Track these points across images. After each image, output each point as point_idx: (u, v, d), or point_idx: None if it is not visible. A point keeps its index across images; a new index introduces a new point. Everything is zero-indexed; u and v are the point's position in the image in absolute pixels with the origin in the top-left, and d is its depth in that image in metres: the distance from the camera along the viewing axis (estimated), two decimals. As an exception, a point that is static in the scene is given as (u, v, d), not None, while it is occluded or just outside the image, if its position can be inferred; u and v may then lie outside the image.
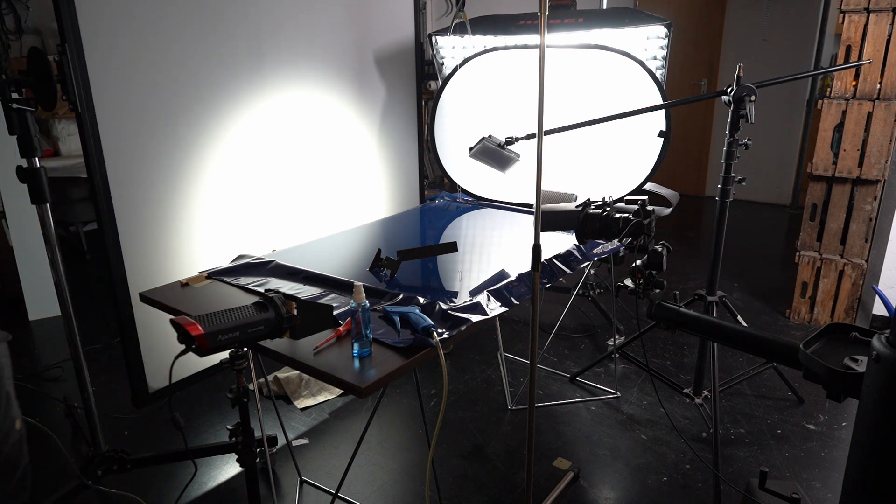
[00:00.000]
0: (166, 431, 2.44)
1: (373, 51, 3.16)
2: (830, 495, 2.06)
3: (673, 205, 2.46)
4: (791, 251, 4.03)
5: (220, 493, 2.10)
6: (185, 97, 2.37)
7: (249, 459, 1.57)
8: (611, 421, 2.49)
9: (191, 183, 2.46)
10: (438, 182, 5.01)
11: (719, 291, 2.33)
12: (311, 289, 1.71)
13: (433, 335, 1.36)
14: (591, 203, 1.80)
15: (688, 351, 3.06)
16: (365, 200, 3.30)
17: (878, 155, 3.05)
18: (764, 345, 1.46)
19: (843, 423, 2.45)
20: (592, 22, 2.53)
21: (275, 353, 1.37)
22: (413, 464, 2.24)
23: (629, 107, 2.23)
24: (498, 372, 2.84)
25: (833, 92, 3.13)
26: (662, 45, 2.43)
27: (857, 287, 3.23)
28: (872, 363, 1.01)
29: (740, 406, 2.58)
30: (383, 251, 1.84)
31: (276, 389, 2.68)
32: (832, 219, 3.27)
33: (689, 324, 1.62)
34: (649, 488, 2.10)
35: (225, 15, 2.44)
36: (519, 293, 1.68)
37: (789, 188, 5.79)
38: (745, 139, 2.12)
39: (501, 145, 2.34)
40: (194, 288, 1.76)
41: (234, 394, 1.50)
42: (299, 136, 2.86)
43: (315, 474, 2.18)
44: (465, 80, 2.88)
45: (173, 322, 1.17)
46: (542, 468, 2.19)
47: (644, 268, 1.72)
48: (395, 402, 2.65)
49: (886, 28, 2.93)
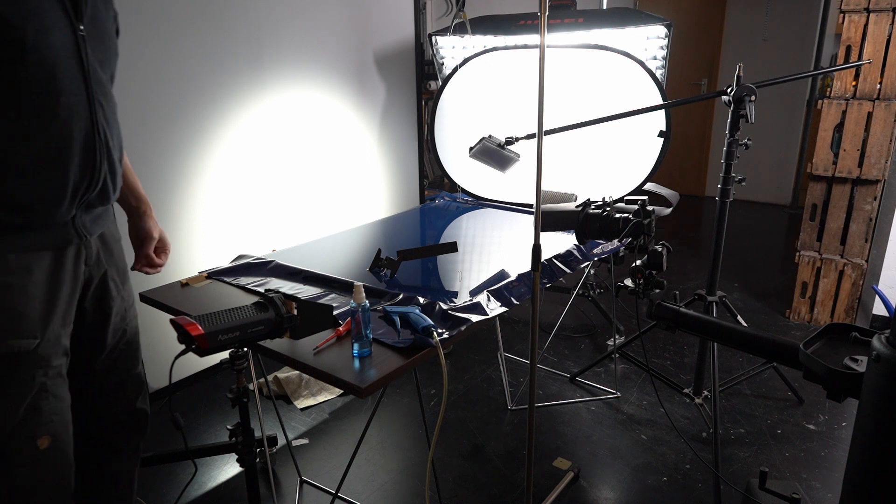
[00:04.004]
0: (166, 431, 2.43)
1: (373, 51, 3.16)
2: (830, 495, 2.06)
3: (673, 205, 2.46)
4: (791, 251, 4.03)
5: (220, 493, 2.10)
6: (186, 97, 2.37)
7: (249, 459, 1.57)
8: (611, 421, 2.49)
9: (191, 183, 2.46)
10: (438, 182, 5.01)
11: (719, 291, 2.32)
12: (311, 289, 1.71)
13: (433, 335, 1.36)
14: (591, 203, 1.80)
15: (688, 351, 3.06)
16: (365, 200, 3.30)
17: (878, 155, 3.05)
18: (764, 345, 1.46)
19: (843, 423, 2.45)
20: (592, 22, 2.53)
21: (275, 353, 1.37)
22: (413, 464, 2.24)
23: (629, 107, 2.23)
24: (498, 372, 2.84)
25: (833, 92, 3.13)
26: (662, 45, 2.43)
27: (857, 287, 3.23)
28: (872, 363, 1.01)
29: (740, 406, 2.58)
30: (383, 251, 1.84)
31: (276, 389, 2.68)
32: (832, 219, 3.27)
33: (689, 324, 1.62)
34: (649, 488, 2.10)
35: (225, 16, 2.44)
36: (519, 293, 1.68)
37: (789, 188, 5.79)
38: (745, 139, 2.12)
39: (501, 145, 2.34)
40: (194, 288, 1.76)
41: (234, 394, 1.50)
42: (299, 136, 2.86)
43: (315, 474, 2.18)
44: (465, 80, 2.88)
45: (173, 322, 1.17)
46: (542, 468, 2.19)
47: (644, 268, 1.72)
48: (395, 402, 2.65)
49: (886, 28, 2.93)
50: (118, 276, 1.44)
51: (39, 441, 1.20)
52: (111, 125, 1.28)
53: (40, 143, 1.14)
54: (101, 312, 1.39)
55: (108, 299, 1.39)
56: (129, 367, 1.50)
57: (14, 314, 1.16)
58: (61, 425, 1.25)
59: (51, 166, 1.16)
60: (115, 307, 1.42)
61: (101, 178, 1.25)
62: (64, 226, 1.22)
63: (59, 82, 1.14)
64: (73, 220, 1.24)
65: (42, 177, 1.15)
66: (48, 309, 1.22)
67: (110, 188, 1.30)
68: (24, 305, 1.18)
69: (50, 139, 1.15)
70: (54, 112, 1.14)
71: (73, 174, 1.19)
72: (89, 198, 1.25)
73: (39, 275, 1.20)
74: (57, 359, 1.24)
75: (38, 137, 1.13)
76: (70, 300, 1.28)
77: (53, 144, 1.15)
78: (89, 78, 1.19)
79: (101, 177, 1.25)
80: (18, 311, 1.17)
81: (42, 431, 1.21)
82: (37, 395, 1.19)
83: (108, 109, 1.26)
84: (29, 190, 1.14)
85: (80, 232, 1.26)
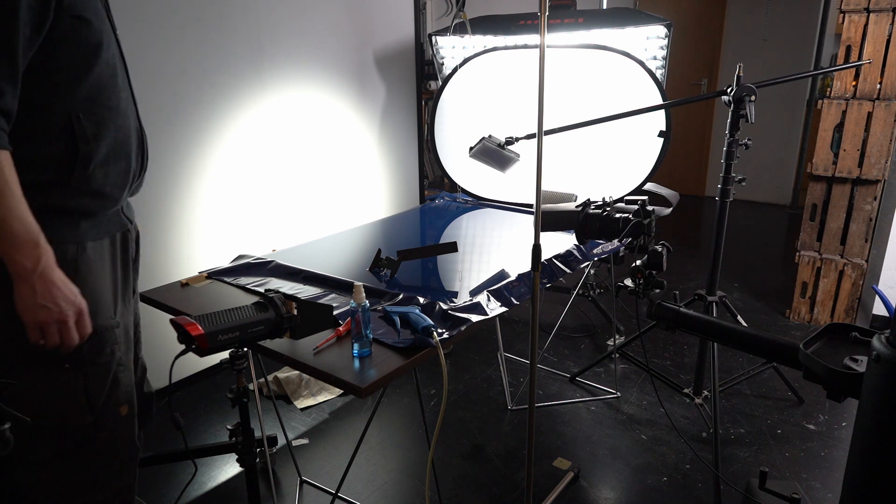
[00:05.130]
0: (166, 431, 2.43)
1: (373, 51, 3.16)
2: (830, 495, 2.06)
3: (673, 205, 2.46)
4: (791, 251, 4.04)
5: (220, 493, 2.10)
6: (186, 97, 2.37)
7: (249, 459, 1.57)
8: (611, 421, 2.49)
9: (191, 183, 2.46)
10: (438, 182, 5.01)
11: (719, 291, 2.32)
12: (311, 289, 1.71)
13: (433, 335, 1.36)
14: (591, 203, 1.80)
15: (688, 351, 3.06)
16: (365, 200, 3.30)
17: (878, 155, 3.05)
18: (764, 345, 1.46)
19: (843, 423, 2.45)
20: (592, 22, 2.53)
21: (275, 353, 1.37)
22: (413, 464, 2.24)
23: (629, 107, 2.23)
24: (498, 372, 2.84)
25: (833, 92, 3.13)
26: (662, 45, 2.43)
27: (857, 287, 3.23)
28: (872, 363, 1.01)
29: (740, 406, 2.58)
30: (383, 251, 1.84)
31: (276, 389, 2.68)
32: (832, 219, 3.27)
33: (689, 324, 1.62)
34: (649, 488, 2.10)
35: (225, 16, 2.44)
36: (519, 293, 1.68)
37: (789, 188, 5.79)
38: (745, 139, 2.12)
39: (501, 145, 2.34)
40: (194, 288, 1.76)
41: (234, 394, 1.50)
42: (299, 136, 2.86)
43: (315, 474, 2.18)
44: (465, 80, 2.88)
45: (173, 322, 1.17)
46: (542, 468, 2.19)
47: (644, 268, 1.72)
48: (395, 402, 2.65)
49: (886, 28, 2.93)
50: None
51: (121, 408, 1.34)
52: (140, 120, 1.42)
53: (113, 134, 1.27)
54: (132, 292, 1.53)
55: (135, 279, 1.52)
56: (138, 350, 1.58)
57: (97, 298, 1.28)
58: (133, 395, 1.40)
59: (120, 155, 1.30)
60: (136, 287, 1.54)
61: (147, 166, 1.42)
62: (118, 212, 1.36)
63: (119, 80, 1.30)
64: (122, 208, 1.37)
65: (116, 165, 1.28)
66: (115, 290, 1.35)
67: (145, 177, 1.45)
68: (103, 289, 1.31)
69: (119, 130, 1.28)
70: (118, 107, 1.29)
71: (133, 163, 1.34)
72: (138, 185, 1.41)
73: (108, 260, 1.34)
74: (126, 335, 1.38)
75: (111, 129, 1.27)
76: (127, 280, 1.41)
77: (121, 135, 1.29)
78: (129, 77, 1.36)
79: (147, 165, 1.42)
80: (99, 294, 1.29)
81: (122, 400, 1.35)
82: (117, 369, 1.33)
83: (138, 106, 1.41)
84: (106, 177, 1.27)
85: (129, 216, 1.40)
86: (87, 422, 1.28)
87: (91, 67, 1.21)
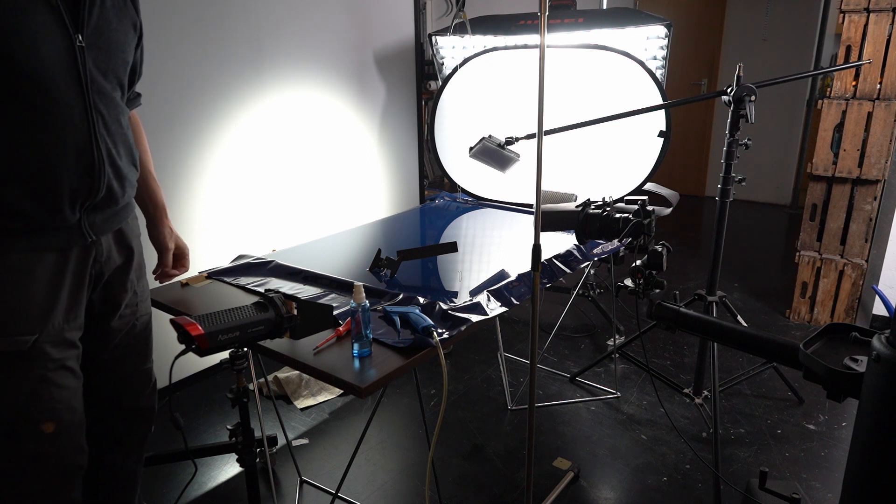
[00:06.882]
0: (166, 431, 2.43)
1: (373, 51, 3.16)
2: (830, 495, 2.06)
3: (673, 205, 2.46)
4: (791, 251, 4.04)
5: (220, 493, 2.10)
6: (186, 97, 2.37)
7: (249, 459, 1.57)
8: (611, 421, 2.49)
9: (191, 183, 2.46)
10: (438, 182, 5.01)
11: (719, 291, 2.32)
12: (311, 289, 1.71)
13: (433, 335, 1.36)
14: (591, 203, 1.80)
15: (688, 351, 3.06)
16: (365, 200, 3.30)
17: (878, 155, 3.05)
18: (764, 345, 1.46)
19: (843, 423, 2.45)
20: (592, 22, 2.53)
21: (275, 353, 1.37)
22: (413, 464, 2.24)
23: (629, 107, 2.23)
24: (498, 372, 2.84)
25: (833, 92, 3.13)
26: (662, 45, 2.43)
27: (857, 287, 3.23)
28: (872, 363, 1.01)
29: (740, 406, 2.58)
30: (383, 251, 1.84)
31: (276, 389, 2.68)
32: (832, 219, 3.27)
33: (689, 324, 1.62)
34: (649, 488, 2.10)
35: (225, 16, 2.44)
36: (519, 293, 1.68)
37: (789, 188, 5.79)
38: (745, 139, 2.12)
39: (501, 145, 2.34)
40: (194, 288, 1.76)
41: (234, 394, 1.50)
42: (299, 136, 2.86)
43: (315, 474, 2.18)
44: (465, 80, 2.88)
45: (173, 322, 1.17)
46: (542, 468, 2.19)
47: (644, 268, 1.72)
48: (395, 402, 2.65)
49: (886, 28, 2.93)
50: (134, 271, 1.48)
51: (44, 426, 1.27)
52: (113, 132, 1.30)
53: (33, 153, 1.18)
54: (109, 304, 1.43)
55: (118, 292, 1.44)
56: (137, 362, 1.53)
57: (12, 311, 1.22)
58: (67, 412, 1.30)
59: (45, 175, 1.20)
60: (125, 300, 1.46)
61: (105, 183, 1.29)
62: (69, 228, 1.27)
63: (52, 94, 1.17)
64: (80, 223, 1.28)
65: (37, 184, 1.19)
66: (49, 305, 1.26)
67: (118, 192, 1.34)
68: (24, 303, 1.23)
69: (43, 149, 1.18)
70: (46, 123, 1.18)
71: (68, 181, 1.22)
72: (94, 202, 1.29)
73: (42, 274, 1.25)
74: (60, 351, 1.29)
75: (31, 147, 1.17)
76: (76, 297, 1.32)
77: (47, 154, 1.19)
78: (87, 88, 1.22)
79: (103, 183, 1.28)
80: (16, 307, 1.22)
81: (45, 417, 1.27)
82: (36, 385, 1.25)
83: (109, 117, 1.29)
84: (25, 197, 1.18)
85: (88, 233, 1.30)
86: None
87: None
